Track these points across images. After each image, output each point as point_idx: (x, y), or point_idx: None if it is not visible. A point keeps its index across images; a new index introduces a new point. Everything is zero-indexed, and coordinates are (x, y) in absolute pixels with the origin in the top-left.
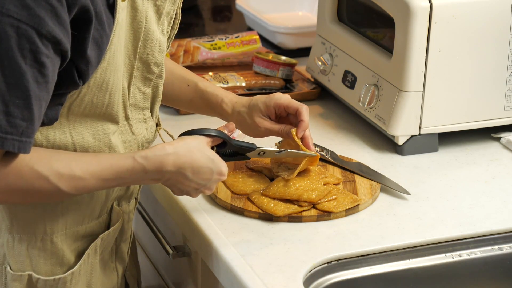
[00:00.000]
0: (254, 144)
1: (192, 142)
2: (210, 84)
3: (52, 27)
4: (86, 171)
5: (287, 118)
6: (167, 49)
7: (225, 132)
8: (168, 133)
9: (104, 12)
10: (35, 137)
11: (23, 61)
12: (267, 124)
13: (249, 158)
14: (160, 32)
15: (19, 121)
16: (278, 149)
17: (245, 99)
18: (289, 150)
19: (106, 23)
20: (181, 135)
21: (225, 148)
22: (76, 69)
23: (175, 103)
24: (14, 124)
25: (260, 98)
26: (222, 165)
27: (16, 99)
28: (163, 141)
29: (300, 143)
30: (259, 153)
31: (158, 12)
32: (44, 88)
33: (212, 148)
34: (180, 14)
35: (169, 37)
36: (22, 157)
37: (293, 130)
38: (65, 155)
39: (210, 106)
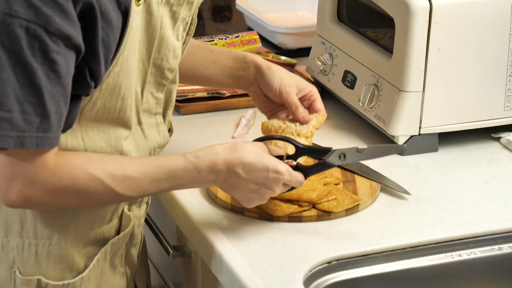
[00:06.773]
0: (329, 147)
1: (246, 143)
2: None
3: (61, 23)
4: (139, 171)
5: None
6: (182, 54)
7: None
8: None
9: (114, 12)
10: None
11: (34, 60)
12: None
13: (330, 167)
14: (175, 37)
15: (33, 118)
16: (359, 147)
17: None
18: (372, 145)
19: (114, 24)
20: None
21: (296, 156)
22: (88, 69)
23: (205, 79)
24: (29, 121)
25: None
26: (277, 163)
27: (29, 97)
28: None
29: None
30: (339, 157)
31: (174, 17)
32: (58, 83)
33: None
34: (196, 20)
35: (184, 43)
36: (74, 161)
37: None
38: (117, 157)
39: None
